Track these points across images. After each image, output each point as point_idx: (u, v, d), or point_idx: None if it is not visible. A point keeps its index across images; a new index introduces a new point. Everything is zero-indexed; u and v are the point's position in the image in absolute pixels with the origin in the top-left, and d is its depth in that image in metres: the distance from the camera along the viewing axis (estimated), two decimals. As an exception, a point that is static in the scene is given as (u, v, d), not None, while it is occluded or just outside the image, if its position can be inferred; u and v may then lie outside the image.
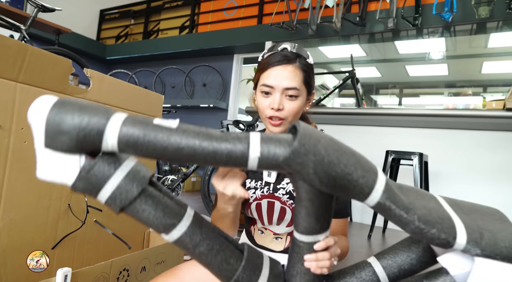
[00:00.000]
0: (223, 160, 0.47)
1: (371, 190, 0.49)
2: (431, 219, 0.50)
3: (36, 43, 2.88)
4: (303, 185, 0.51)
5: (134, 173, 0.49)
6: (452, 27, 3.44)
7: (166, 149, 0.46)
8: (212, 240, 0.54)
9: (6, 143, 0.92)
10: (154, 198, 0.50)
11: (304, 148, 0.46)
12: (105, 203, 0.48)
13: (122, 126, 0.45)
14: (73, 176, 0.46)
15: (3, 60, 0.90)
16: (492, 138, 2.97)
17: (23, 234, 0.97)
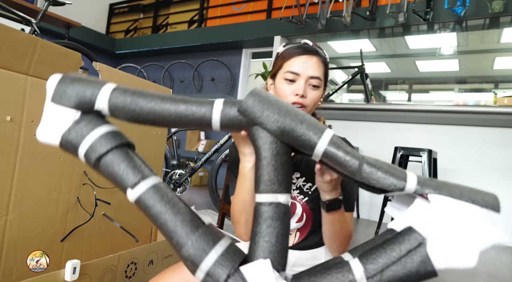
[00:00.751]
0: (192, 119, 0.56)
1: (318, 139, 0.53)
2: (382, 164, 0.53)
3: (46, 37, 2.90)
4: (263, 140, 0.56)
5: (114, 133, 0.57)
6: (464, 21, 3.38)
7: (145, 111, 0.56)
8: (176, 201, 0.55)
9: (17, 135, 0.93)
10: (127, 156, 0.56)
11: (254, 99, 0.55)
12: (84, 155, 0.55)
13: (111, 94, 0.56)
14: (66, 127, 0.55)
15: (14, 53, 0.91)
16: (502, 135, 2.92)
17: (33, 226, 0.98)
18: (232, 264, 0.52)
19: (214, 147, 2.85)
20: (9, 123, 0.91)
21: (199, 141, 4.84)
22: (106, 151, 0.54)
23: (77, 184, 1.10)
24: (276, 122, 0.54)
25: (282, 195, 0.55)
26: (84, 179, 1.13)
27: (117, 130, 0.58)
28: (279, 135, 0.55)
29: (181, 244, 0.52)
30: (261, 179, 0.56)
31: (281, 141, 0.56)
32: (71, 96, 0.55)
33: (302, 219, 0.93)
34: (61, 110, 0.55)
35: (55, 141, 0.56)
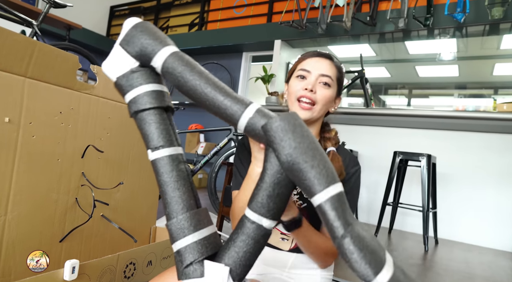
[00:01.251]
0: (223, 113, 0.58)
1: (319, 191, 0.52)
2: (366, 246, 0.50)
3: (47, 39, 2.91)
4: (271, 165, 0.56)
5: (159, 93, 0.61)
6: (464, 28, 3.39)
7: (187, 86, 0.59)
8: (182, 178, 0.59)
9: (15, 137, 0.93)
10: (160, 120, 0.60)
11: (280, 123, 0.54)
12: (128, 103, 0.60)
13: (168, 56, 0.59)
14: (121, 72, 0.61)
15: (12, 55, 0.91)
16: (501, 141, 2.93)
17: (32, 226, 0.98)
18: (200, 254, 0.56)
19: (214, 149, 2.85)
20: (7, 125, 0.91)
21: (198, 143, 4.85)
22: (144, 108, 0.59)
23: (75, 185, 1.11)
24: (288, 156, 0.53)
25: (267, 220, 0.57)
26: (82, 180, 1.13)
27: (163, 90, 0.63)
28: (286, 169, 0.54)
29: (169, 217, 0.57)
30: (255, 197, 0.58)
31: (286, 174, 0.55)
32: (135, 46, 0.60)
33: None
34: (124, 54, 0.61)
35: (112, 78, 0.63)
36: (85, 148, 1.13)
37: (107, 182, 1.22)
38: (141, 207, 1.40)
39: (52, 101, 1.03)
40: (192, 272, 0.56)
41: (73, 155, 1.10)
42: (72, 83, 1.08)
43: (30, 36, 2.57)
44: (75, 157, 1.10)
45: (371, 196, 3.32)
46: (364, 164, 3.36)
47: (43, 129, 1.00)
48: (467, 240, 2.94)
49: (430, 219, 2.77)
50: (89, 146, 1.14)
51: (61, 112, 1.05)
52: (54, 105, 1.03)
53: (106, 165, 1.22)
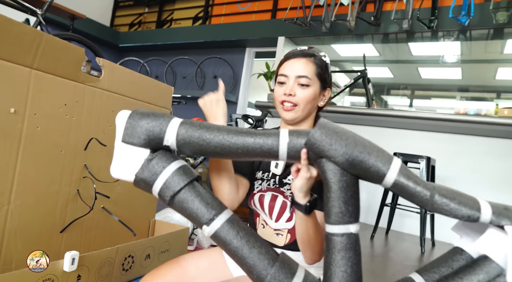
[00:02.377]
0: (260, 152, 0.58)
1: (387, 170, 0.54)
2: (454, 195, 0.53)
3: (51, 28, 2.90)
4: (333, 172, 0.57)
5: (184, 168, 0.59)
6: (468, 31, 3.39)
7: (212, 145, 0.58)
8: (250, 235, 0.58)
9: (20, 127, 0.94)
10: (199, 192, 0.59)
11: (321, 132, 0.55)
12: (158, 193, 0.58)
13: (178, 128, 0.58)
14: (138, 166, 0.58)
15: (19, 46, 0.92)
16: (502, 146, 2.94)
17: (34, 216, 0.99)
18: None
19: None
20: (12, 116, 0.92)
21: (199, 137, 4.85)
22: (179, 188, 0.58)
23: (77, 176, 1.12)
24: (345, 155, 0.55)
25: (353, 225, 0.57)
26: (84, 172, 1.14)
27: (186, 164, 0.61)
28: (348, 167, 0.56)
29: (261, 278, 0.56)
30: (332, 210, 0.57)
31: (350, 172, 0.56)
32: (140, 135, 0.58)
33: (292, 219, 0.94)
34: (132, 149, 0.59)
35: (129, 178, 0.60)
36: (88, 140, 1.14)
37: (109, 174, 1.23)
38: (141, 200, 1.41)
39: (57, 93, 1.03)
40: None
41: (76, 147, 1.11)
42: (78, 75, 1.09)
43: (34, 25, 2.57)
44: (78, 149, 1.11)
45: (370, 196, 3.33)
46: (363, 163, 3.37)
47: (47, 121, 1.01)
48: (463, 242, 2.96)
49: (428, 221, 2.78)
50: (92, 139, 1.14)
51: (66, 104, 1.06)
52: (59, 97, 1.04)
53: (108, 158, 1.22)
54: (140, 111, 0.60)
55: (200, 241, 1.76)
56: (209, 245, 1.77)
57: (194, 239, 1.77)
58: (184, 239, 1.47)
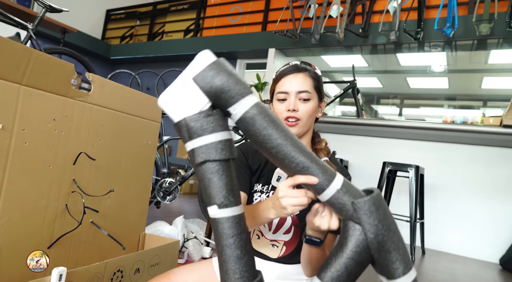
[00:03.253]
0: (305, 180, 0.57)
1: (401, 275, 0.55)
2: None
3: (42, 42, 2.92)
4: (357, 242, 0.56)
5: (230, 143, 0.56)
6: (453, 42, 3.47)
7: (270, 143, 0.55)
8: (246, 241, 0.57)
9: (8, 143, 0.95)
10: (228, 173, 0.55)
11: (369, 205, 0.55)
12: (191, 150, 0.54)
13: (251, 107, 0.54)
14: (191, 112, 0.54)
15: (8, 63, 0.93)
16: (487, 154, 2.99)
17: (20, 233, 0.99)
18: None
19: (205, 156, 2.86)
20: (0, 131, 0.92)
21: (190, 149, 4.84)
22: (215, 159, 0.54)
23: (66, 191, 1.12)
24: (380, 236, 0.55)
25: None
26: (73, 186, 1.14)
27: (231, 139, 0.57)
28: (373, 247, 0.55)
29: (227, 275, 0.55)
30: (329, 267, 0.57)
31: (370, 250, 0.56)
32: (213, 86, 0.53)
33: (290, 231, 0.95)
34: (196, 91, 0.53)
35: (174, 116, 0.55)
36: (77, 154, 1.14)
37: (98, 188, 1.23)
38: (131, 214, 1.41)
39: (46, 109, 1.04)
40: None
41: (65, 162, 1.11)
42: (67, 90, 1.10)
43: (25, 39, 2.57)
44: (66, 164, 1.12)
45: (360, 205, 3.35)
46: (354, 173, 3.40)
47: (35, 136, 1.01)
48: (453, 250, 2.99)
49: (418, 229, 2.81)
50: (81, 153, 1.15)
51: (55, 119, 1.07)
52: (48, 112, 1.05)
53: (98, 172, 1.23)
54: (226, 64, 0.55)
55: (191, 254, 1.76)
56: (200, 258, 1.77)
57: (184, 252, 1.76)
58: (174, 252, 1.46)
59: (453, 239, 3.01)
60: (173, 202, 2.84)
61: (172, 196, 2.85)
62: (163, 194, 2.82)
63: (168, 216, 2.73)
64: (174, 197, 2.85)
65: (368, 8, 3.74)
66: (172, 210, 3.33)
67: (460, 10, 3.29)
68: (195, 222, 2.10)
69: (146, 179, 1.49)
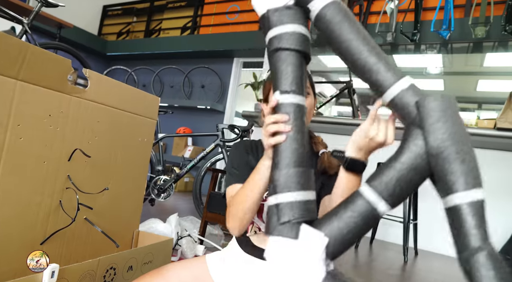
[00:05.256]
0: (371, 76, 0.55)
1: (462, 191, 0.49)
2: (499, 266, 0.46)
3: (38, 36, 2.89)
4: (415, 147, 0.50)
5: (306, 37, 0.59)
6: (449, 44, 3.50)
7: (338, 39, 0.56)
8: (304, 132, 0.58)
9: (2, 138, 0.94)
10: (297, 65, 0.58)
11: (437, 104, 0.50)
12: (270, 38, 0.59)
13: (328, 3, 0.57)
14: (277, 5, 0.59)
15: (5, 58, 0.92)
16: (481, 156, 2.99)
17: (14, 228, 0.99)
18: (300, 215, 0.51)
19: (201, 154, 2.86)
20: (-5, 126, 0.92)
21: (186, 146, 4.84)
22: (288, 47, 0.58)
23: (60, 187, 1.11)
24: (441, 141, 0.48)
25: (384, 204, 0.51)
26: (67, 183, 1.13)
27: (309, 36, 0.61)
28: (432, 154, 0.49)
29: (279, 166, 0.55)
30: (380, 175, 0.52)
31: (428, 160, 0.50)
32: None
33: None
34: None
35: (260, 10, 0.62)
36: (72, 151, 1.14)
37: (93, 185, 1.23)
38: (125, 211, 1.40)
39: (41, 104, 1.04)
40: (287, 230, 0.51)
41: (60, 158, 1.10)
42: (63, 86, 1.09)
43: (20, 33, 2.55)
44: (61, 160, 1.11)
45: (355, 205, 3.37)
46: (348, 173, 3.41)
47: (31, 131, 1.01)
48: (446, 251, 3.01)
49: (411, 230, 2.83)
50: (76, 150, 1.14)
51: (50, 115, 1.06)
52: (44, 108, 1.04)
53: (93, 168, 1.22)
54: None
55: (184, 252, 1.76)
56: (193, 256, 1.77)
57: (178, 250, 1.76)
58: (167, 250, 1.46)
59: (446, 240, 3.03)
60: (167, 199, 2.84)
61: (166, 193, 2.84)
62: (157, 192, 2.82)
63: (162, 213, 2.72)
64: (169, 194, 2.85)
65: (365, 8, 3.75)
66: (166, 208, 3.33)
67: (456, 13, 3.31)
68: (188, 219, 2.10)
69: (141, 176, 1.49)
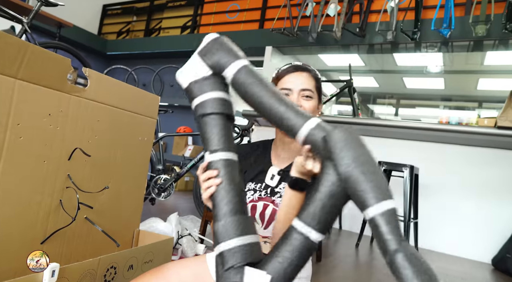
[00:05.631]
0: (284, 124, 0.62)
1: (372, 204, 0.53)
2: (417, 263, 0.50)
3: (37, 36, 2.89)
4: (328, 176, 0.57)
5: (225, 100, 0.67)
6: (450, 43, 3.49)
7: (254, 97, 0.64)
8: (235, 183, 0.63)
9: (2, 138, 0.94)
10: (222, 125, 0.66)
11: (341, 135, 0.57)
12: (195, 106, 0.67)
13: (239, 69, 0.65)
14: (196, 78, 0.67)
15: (4, 57, 0.92)
16: (481, 155, 3.01)
17: (14, 228, 0.98)
18: (242, 259, 0.57)
19: (201, 153, 2.86)
20: (-5, 125, 0.92)
21: (186, 145, 4.84)
22: (210, 112, 0.65)
23: (60, 187, 1.11)
24: (347, 167, 0.55)
25: (316, 233, 0.58)
26: (67, 182, 1.13)
27: (228, 99, 0.69)
28: (343, 179, 0.56)
29: (217, 218, 0.60)
30: (306, 208, 0.58)
31: (343, 186, 0.57)
32: (212, 56, 0.67)
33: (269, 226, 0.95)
34: (200, 63, 0.68)
35: (184, 84, 0.69)
36: (72, 150, 1.13)
37: (93, 184, 1.23)
38: (125, 210, 1.40)
39: (41, 103, 1.03)
40: (232, 276, 0.56)
41: (59, 157, 1.10)
42: (63, 85, 1.09)
43: (20, 33, 2.55)
44: (61, 159, 1.11)
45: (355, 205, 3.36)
46: (349, 172, 3.40)
47: (30, 131, 1.01)
48: (447, 250, 3.01)
49: (411, 229, 2.83)
50: (76, 149, 1.14)
51: (50, 114, 1.06)
52: (43, 107, 1.04)
53: (93, 167, 1.22)
54: (224, 40, 0.70)
55: (185, 251, 1.76)
56: (194, 255, 1.77)
57: (178, 249, 1.76)
58: (168, 249, 1.46)
59: (446, 239, 3.03)
60: (167, 198, 2.84)
61: (167, 192, 2.84)
62: (158, 191, 2.82)
63: (162, 212, 2.72)
64: (169, 193, 2.85)
65: (365, 7, 3.74)
66: (166, 207, 3.33)
67: (457, 11, 3.31)
68: (189, 218, 2.10)
69: (141, 175, 1.49)
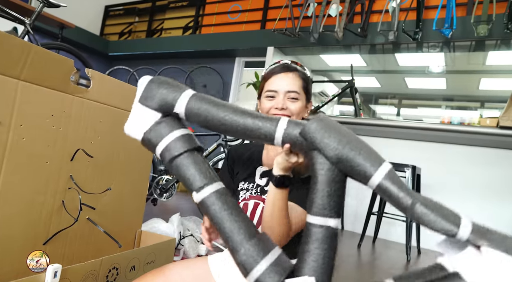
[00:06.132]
0: (256, 133, 0.61)
1: (374, 172, 0.54)
2: (436, 206, 0.52)
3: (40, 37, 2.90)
4: (321, 165, 0.57)
5: (187, 136, 0.64)
6: (452, 43, 3.48)
7: (216, 120, 0.61)
8: (233, 208, 0.60)
9: (5, 138, 0.94)
10: (196, 161, 0.62)
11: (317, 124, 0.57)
12: (160, 154, 0.63)
13: (189, 99, 0.63)
14: (148, 126, 0.63)
15: (7, 58, 0.93)
16: (484, 155, 3.01)
17: (16, 228, 0.99)
18: (279, 276, 0.55)
19: (203, 154, 2.87)
20: (-2, 126, 0.92)
21: (188, 146, 4.84)
22: (179, 153, 0.61)
23: (63, 187, 1.11)
24: (335, 150, 0.56)
25: (332, 219, 0.58)
26: (70, 183, 1.14)
27: (190, 133, 0.65)
28: (336, 163, 0.56)
29: (236, 250, 0.57)
30: (315, 202, 0.58)
31: (338, 168, 0.57)
32: (155, 99, 0.63)
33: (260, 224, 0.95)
34: (145, 110, 0.63)
35: (138, 137, 0.64)
36: (75, 151, 1.14)
37: (95, 185, 1.23)
38: (127, 210, 1.41)
39: (44, 104, 1.04)
40: None
41: (62, 158, 1.11)
42: (66, 86, 1.09)
43: (22, 34, 2.56)
44: (64, 160, 1.11)
45: (357, 204, 3.36)
46: (351, 172, 3.41)
47: (33, 131, 1.01)
48: (449, 250, 3.00)
49: (414, 229, 2.82)
50: (79, 150, 1.15)
51: (53, 115, 1.06)
52: (46, 108, 1.05)
53: (95, 168, 1.23)
54: (160, 78, 0.65)
55: (187, 251, 1.76)
56: (196, 256, 1.77)
57: (180, 249, 1.76)
58: (170, 250, 1.47)
59: (448, 239, 3.02)
60: (169, 199, 2.84)
61: (168, 193, 2.85)
62: (159, 191, 2.82)
63: (164, 213, 2.73)
64: (171, 194, 2.85)
65: (367, 7, 3.74)
66: (168, 207, 3.33)
67: (458, 11, 3.30)
68: (191, 219, 2.10)
69: (143, 176, 1.49)
